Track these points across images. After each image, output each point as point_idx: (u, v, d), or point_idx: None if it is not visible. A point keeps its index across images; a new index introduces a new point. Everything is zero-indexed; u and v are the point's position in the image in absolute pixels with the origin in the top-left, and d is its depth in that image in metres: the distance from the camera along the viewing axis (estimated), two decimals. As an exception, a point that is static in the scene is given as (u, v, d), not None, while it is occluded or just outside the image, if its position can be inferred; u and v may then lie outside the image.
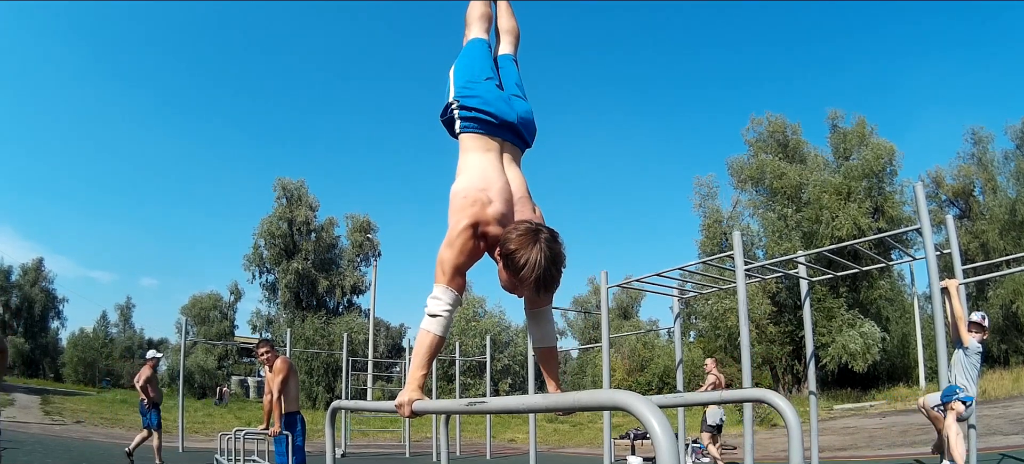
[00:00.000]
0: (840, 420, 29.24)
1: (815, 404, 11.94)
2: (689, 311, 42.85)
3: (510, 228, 3.08)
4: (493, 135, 3.60)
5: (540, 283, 2.96)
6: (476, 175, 3.43)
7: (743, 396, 3.07)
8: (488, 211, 3.19)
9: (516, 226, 3.07)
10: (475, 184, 3.34)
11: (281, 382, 9.41)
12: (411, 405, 3.08)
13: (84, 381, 60.67)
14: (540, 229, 3.01)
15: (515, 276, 2.98)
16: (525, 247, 2.92)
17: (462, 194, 3.31)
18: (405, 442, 22.35)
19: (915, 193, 8.96)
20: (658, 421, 1.65)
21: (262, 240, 57.93)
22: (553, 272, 2.97)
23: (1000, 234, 40.88)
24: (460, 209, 3.22)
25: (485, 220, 3.17)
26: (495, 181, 3.37)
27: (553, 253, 2.96)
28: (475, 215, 3.15)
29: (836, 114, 44.04)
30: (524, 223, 3.09)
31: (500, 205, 3.25)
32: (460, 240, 3.13)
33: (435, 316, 3.12)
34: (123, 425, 26.58)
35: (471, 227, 3.13)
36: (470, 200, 3.22)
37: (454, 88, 3.70)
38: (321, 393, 47.28)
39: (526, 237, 2.95)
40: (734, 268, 10.32)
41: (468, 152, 3.57)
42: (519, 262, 2.92)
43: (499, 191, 3.32)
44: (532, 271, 2.91)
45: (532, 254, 2.90)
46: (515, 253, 2.93)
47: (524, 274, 2.92)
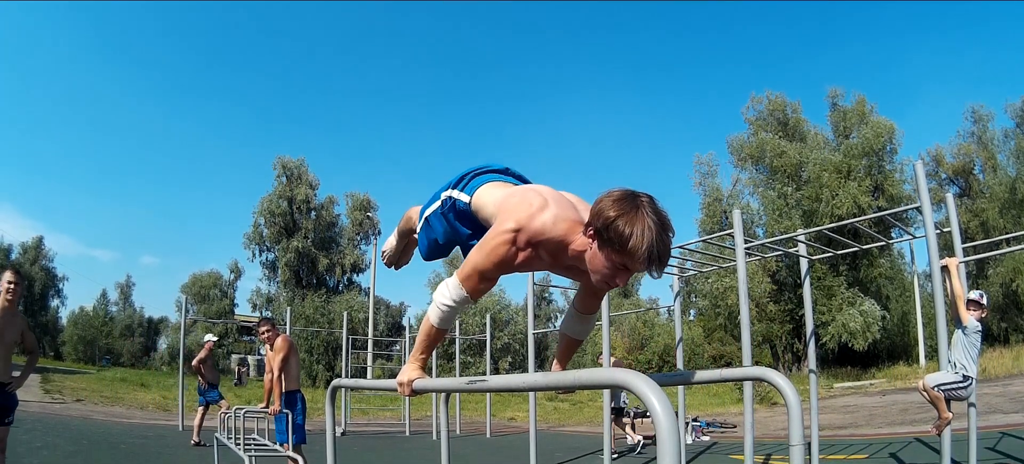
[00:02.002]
0: (840, 398, 29.34)
1: (815, 382, 11.93)
2: (689, 289, 42.85)
3: (599, 199, 2.53)
4: (505, 181, 3.24)
5: (652, 255, 2.38)
6: (516, 188, 3.01)
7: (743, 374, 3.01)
8: (543, 217, 2.66)
9: (607, 194, 2.51)
10: (525, 190, 2.90)
11: (282, 360, 9.41)
12: (411, 384, 3.06)
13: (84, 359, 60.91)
14: (637, 193, 2.51)
15: (620, 252, 2.42)
16: (627, 214, 2.39)
17: (511, 198, 2.85)
18: (405, 420, 22.39)
19: (915, 171, 8.91)
20: (658, 399, 1.63)
21: (262, 218, 57.98)
22: (666, 240, 2.42)
23: (1000, 212, 40.87)
24: (506, 211, 2.76)
25: (537, 230, 2.65)
26: (545, 190, 2.86)
27: (661, 218, 2.43)
28: (522, 221, 2.65)
29: (836, 92, 44.12)
30: (615, 190, 2.54)
31: (557, 208, 2.71)
32: (494, 244, 2.68)
33: (440, 308, 2.91)
34: (123, 403, 26.63)
35: (514, 232, 2.65)
36: (520, 203, 2.74)
37: (441, 194, 3.36)
38: (321, 371, 47.38)
39: (625, 203, 2.43)
40: (734, 246, 10.29)
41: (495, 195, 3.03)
42: (624, 233, 2.37)
43: (554, 197, 2.80)
44: (642, 240, 2.35)
45: (638, 222, 2.37)
46: (615, 222, 2.39)
47: (633, 245, 2.36)
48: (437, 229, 3.42)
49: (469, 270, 2.79)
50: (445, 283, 2.92)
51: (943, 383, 8.07)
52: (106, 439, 15.33)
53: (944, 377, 8.09)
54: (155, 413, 24.28)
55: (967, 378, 8.06)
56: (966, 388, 8.12)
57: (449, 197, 3.26)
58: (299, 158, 59.39)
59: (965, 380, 8.06)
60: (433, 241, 3.51)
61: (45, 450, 12.47)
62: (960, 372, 8.08)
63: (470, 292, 2.84)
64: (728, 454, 15.06)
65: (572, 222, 2.67)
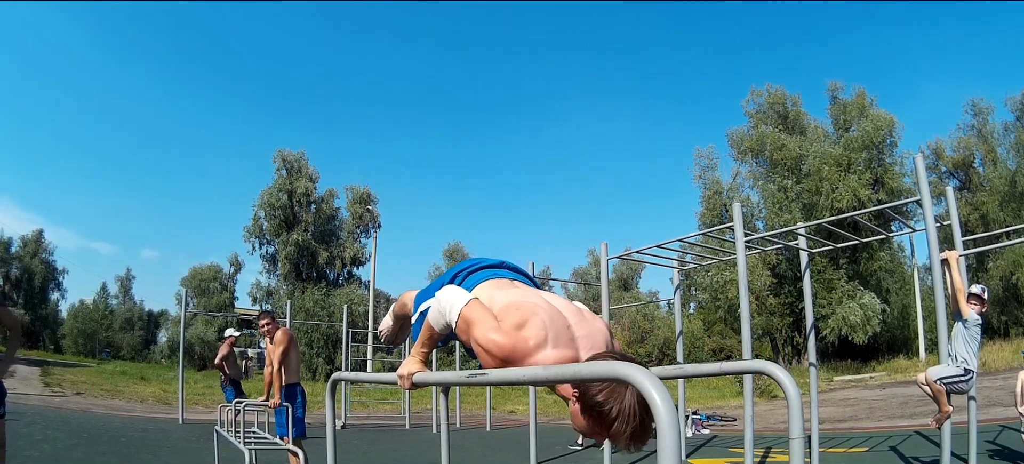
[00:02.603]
0: (840, 392, 29.37)
1: (815, 376, 11.93)
2: (689, 283, 42.91)
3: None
4: (502, 277, 3.27)
5: (635, 437, 2.31)
6: (519, 302, 2.86)
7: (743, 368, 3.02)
8: (538, 357, 2.60)
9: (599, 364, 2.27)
10: (527, 310, 2.74)
11: (282, 353, 9.40)
12: (412, 377, 3.06)
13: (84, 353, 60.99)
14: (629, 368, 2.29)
15: (602, 428, 2.36)
16: (615, 396, 2.28)
17: (515, 311, 2.75)
18: (405, 414, 22.39)
19: (915, 164, 8.90)
20: (658, 392, 1.65)
21: (262, 212, 57.99)
22: (648, 426, 2.29)
23: (1000, 205, 40.86)
24: (505, 331, 2.66)
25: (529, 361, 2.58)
26: (545, 313, 2.74)
27: (645, 401, 2.18)
28: (518, 351, 2.60)
29: (836, 85, 44.04)
30: (608, 356, 2.43)
31: (553, 347, 2.63)
32: (485, 351, 2.67)
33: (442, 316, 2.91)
34: (123, 397, 26.63)
35: (503, 360, 2.61)
36: (519, 329, 2.64)
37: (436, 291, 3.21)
38: (321, 365, 47.41)
39: (613, 384, 2.29)
40: (734, 240, 10.27)
41: (491, 300, 2.96)
42: (609, 416, 2.29)
43: (554, 325, 2.70)
44: (626, 424, 2.27)
45: (625, 402, 2.27)
46: (603, 404, 2.30)
47: (616, 429, 2.29)
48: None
49: (465, 325, 2.82)
50: (456, 296, 2.92)
51: (945, 376, 8.06)
52: (106, 432, 15.33)
53: (946, 370, 8.09)
54: (155, 406, 24.27)
55: (968, 371, 8.06)
56: (967, 381, 8.12)
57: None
58: (299, 151, 59.48)
59: (966, 374, 8.05)
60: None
61: (45, 443, 12.47)
62: (961, 366, 8.07)
63: (456, 330, 2.88)
64: (728, 447, 15.07)
65: (567, 360, 2.63)
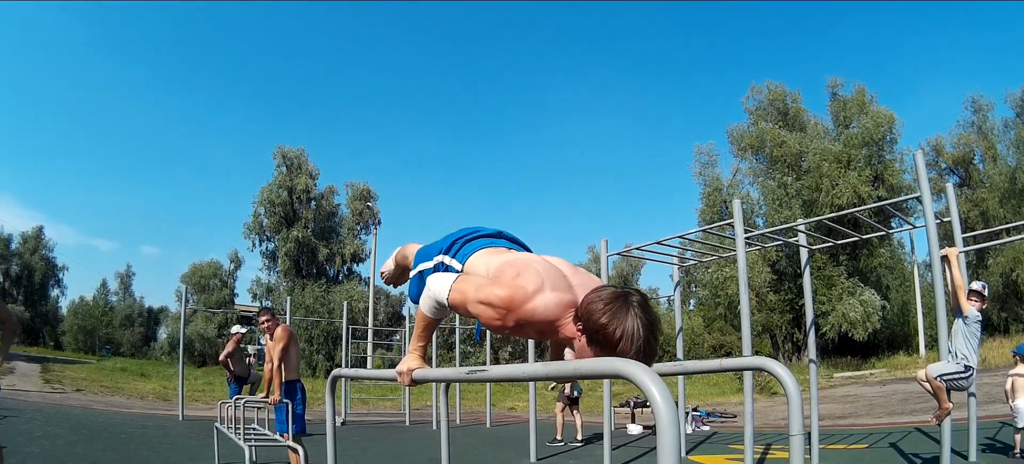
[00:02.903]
0: (840, 388, 29.39)
1: (815, 372, 11.93)
2: (689, 279, 42.93)
3: (590, 297, 2.47)
4: (498, 246, 3.24)
5: (640, 356, 2.30)
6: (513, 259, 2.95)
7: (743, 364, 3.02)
8: (536, 302, 2.61)
9: (597, 293, 2.47)
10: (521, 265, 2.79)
11: (282, 350, 9.39)
12: (411, 373, 3.07)
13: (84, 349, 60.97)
14: (628, 292, 2.46)
15: (608, 353, 2.31)
16: (617, 317, 2.33)
17: (509, 267, 2.80)
18: (405, 410, 22.39)
19: (915, 161, 8.92)
20: (658, 389, 1.64)
21: (262, 208, 58.04)
22: (653, 342, 2.36)
23: (1000, 202, 40.86)
24: (501, 284, 2.69)
25: (527, 313, 2.61)
26: (541, 266, 2.78)
27: (650, 318, 2.38)
28: (516, 302, 2.61)
29: (836, 82, 43.97)
30: (606, 288, 2.50)
31: (551, 292, 2.65)
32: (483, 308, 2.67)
33: (433, 300, 2.94)
34: (123, 393, 26.64)
35: (503, 311, 2.62)
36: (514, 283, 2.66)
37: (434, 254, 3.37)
38: (321, 361, 47.43)
39: (615, 304, 2.38)
40: (734, 236, 10.28)
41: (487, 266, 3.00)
42: (613, 338, 2.31)
43: (550, 275, 2.73)
44: (631, 342, 2.30)
45: (628, 323, 2.32)
46: (606, 327, 2.33)
47: (622, 348, 2.29)
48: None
49: (460, 296, 2.79)
50: (443, 279, 2.91)
51: (945, 373, 8.06)
52: (106, 429, 15.34)
53: (946, 367, 8.08)
54: (155, 403, 24.28)
55: (968, 368, 8.05)
56: (967, 378, 8.12)
57: (441, 262, 3.27)
58: (299, 148, 59.54)
59: (966, 370, 8.05)
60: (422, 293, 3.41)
61: (45, 440, 12.45)
62: (961, 362, 8.07)
63: (451, 304, 2.85)
64: (728, 444, 15.07)
65: (565, 305, 2.64)
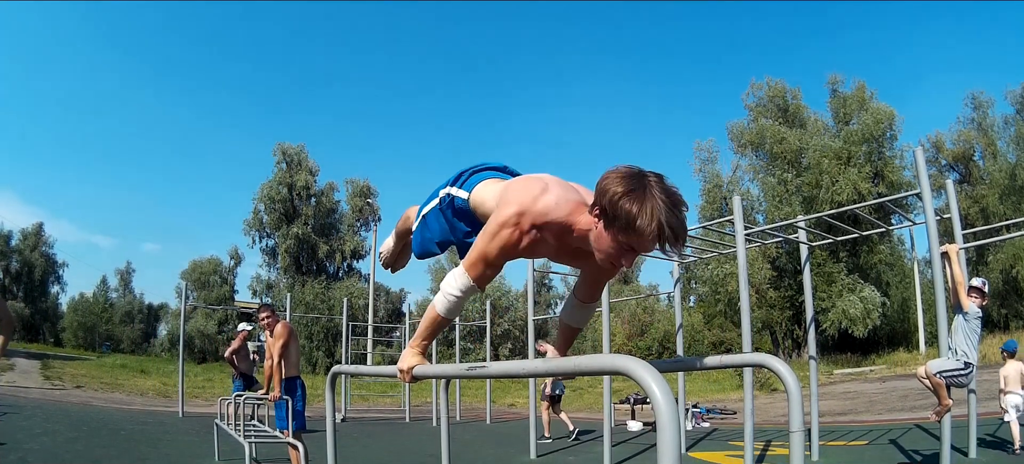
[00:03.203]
0: (840, 385, 29.40)
1: (815, 369, 11.94)
2: (689, 276, 42.92)
3: (605, 175, 2.37)
4: (505, 177, 3.17)
5: (664, 233, 2.21)
6: (521, 176, 2.93)
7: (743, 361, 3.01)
8: (546, 199, 2.58)
9: (614, 170, 2.36)
10: (525, 177, 2.83)
11: (282, 347, 9.38)
12: (412, 370, 3.05)
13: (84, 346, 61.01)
14: (644, 171, 2.33)
15: (626, 231, 2.26)
16: (634, 191, 2.23)
17: (513, 184, 2.78)
18: (405, 407, 22.43)
19: (915, 158, 8.90)
20: (658, 385, 1.63)
21: (262, 205, 58.04)
22: (679, 216, 2.24)
23: (1000, 199, 40.86)
24: (508, 197, 2.66)
25: (540, 211, 2.57)
26: (546, 175, 2.75)
27: (671, 195, 2.25)
28: (526, 204, 2.57)
29: (836, 79, 44.03)
30: (621, 166, 2.38)
31: (560, 190, 2.63)
32: (498, 229, 2.61)
33: (447, 298, 2.84)
34: (123, 390, 26.68)
35: (518, 215, 2.56)
36: (522, 188, 2.66)
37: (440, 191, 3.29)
38: (321, 358, 47.48)
39: (632, 180, 2.28)
40: (734, 233, 10.28)
41: (494, 189, 2.94)
42: (631, 212, 2.21)
43: (556, 180, 2.71)
44: (651, 219, 2.18)
45: (647, 200, 2.20)
46: (622, 200, 2.22)
47: (641, 225, 2.20)
48: (433, 228, 3.37)
49: (474, 257, 2.74)
50: (452, 273, 2.87)
51: (945, 370, 8.06)
52: (106, 425, 15.35)
53: (946, 364, 8.08)
54: (155, 399, 24.33)
55: (968, 365, 8.05)
56: (967, 375, 8.11)
57: (447, 195, 3.21)
58: (299, 144, 59.55)
59: (966, 367, 8.05)
60: (428, 239, 3.44)
61: (45, 436, 12.47)
62: (962, 359, 8.07)
63: (476, 280, 2.78)
64: (728, 440, 15.07)
65: (576, 203, 2.60)
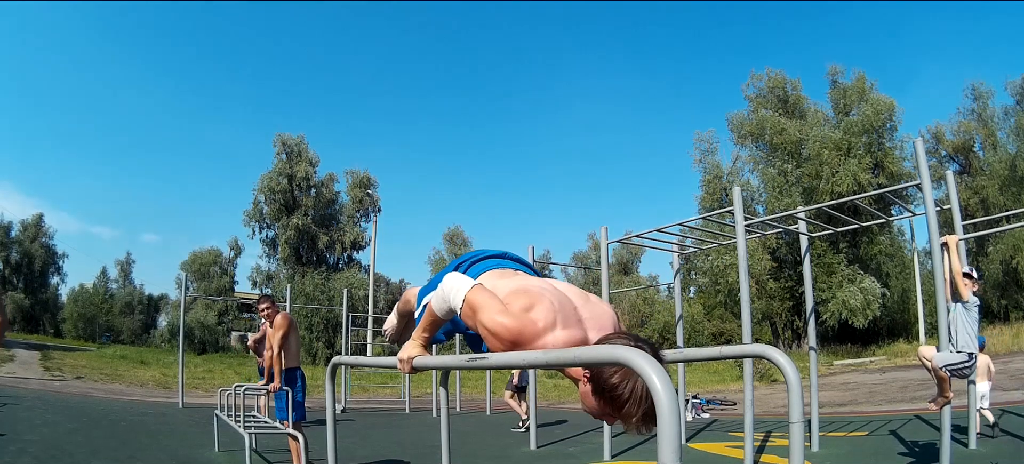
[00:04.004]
0: (840, 376, 29.42)
1: (815, 360, 11.93)
2: (689, 267, 42.94)
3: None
4: (505, 267, 3.22)
5: (646, 418, 2.27)
6: (526, 285, 2.83)
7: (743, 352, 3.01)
8: (545, 339, 2.56)
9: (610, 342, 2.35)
10: (534, 293, 2.70)
11: (282, 338, 9.37)
12: (411, 361, 3.05)
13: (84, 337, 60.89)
14: (639, 346, 2.27)
15: (613, 410, 2.34)
16: (627, 378, 2.26)
17: (522, 295, 2.70)
18: (405, 398, 22.41)
19: (915, 149, 8.89)
20: (658, 376, 1.65)
21: (262, 196, 58.06)
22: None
23: (1000, 190, 40.91)
24: (511, 315, 2.61)
25: (538, 347, 2.54)
26: (552, 296, 2.72)
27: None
28: (526, 336, 2.56)
29: (836, 70, 43.98)
30: (617, 338, 2.43)
31: (562, 330, 2.60)
32: (494, 337, 2.61)
33: (446, 303, 2.85)
34: (123, 381, 26.66)
35: (512, 340, 2.57)
36: (525, 315, 2.60)
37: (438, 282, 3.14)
38: (321, 349, 47.48)
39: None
40: (734, 224, 10.27)
41: (495, 288, 2.88)
42: (622, 397, 2.27)
43: (562, 308, 2.68)
44: (638, 406, 2.26)
45: (637, 385, 2.24)
46: (616, 387, 2.28)
47: (628, 410, 2.28)
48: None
49: (470, 310, 2.74)
50: (460, 282, 2.85)
51: (950, 364, 8.05)
52: (106, 416, 15.34)
53: (950, 358, 8.07)
54: (155, 390, 24.30)
55: (970, 356, 8.05)
56: (970, 366, 8.11)
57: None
58: (299, 135, 59.56)
59: (969, 358, 8.04)
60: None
61: (45, 427, 12.46)
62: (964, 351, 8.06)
63: (463, 315, 2.79)
64: (728, 431, 15.08)
65: (574, 343, 2.60)
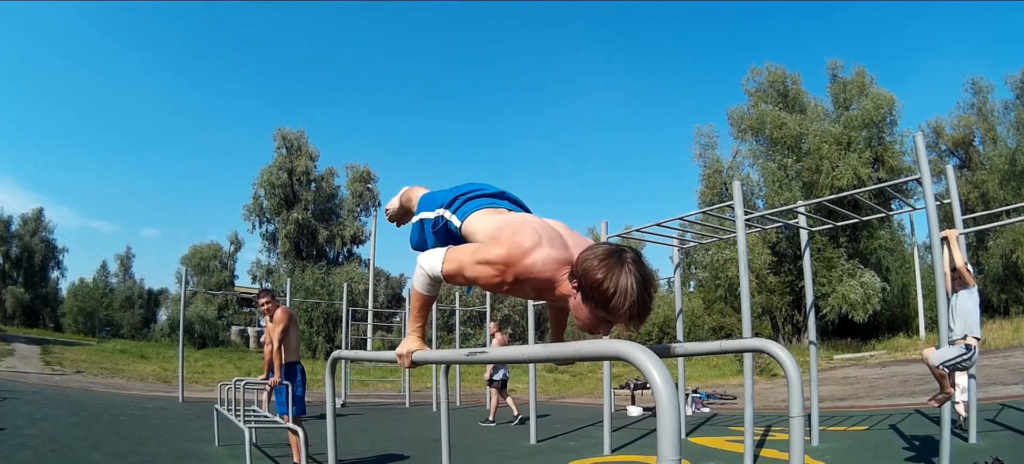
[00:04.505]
0: (840, 370, 29.42)
1: (815, 354, 11.93)
2: (689, 261, 43.03)
3: (585, 254, 2.55)
4: (498, 206, 3.22)
5: (634, 312, 2.42)
6: (510, 218, 2.99)
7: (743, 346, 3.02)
8: (533, 257, 2.66)
9: (592, 251, 2.56)
10: (519, 223, 2.86)
11: (281, 332, 9.38)
12: (411, 355, 3.07)
13: (84, 331, 60.97)
14: (622, 249, 2.53)
15: (603, 309, 2.46)
16: (612, 273, 2.42)
17: (506, 230, 2.81)
18: (405, 392, 22.43)
19: (915, 143, 8.87)
20: (658, 371, 1.66)
21: (262, 190, 58.05)
22: (647, 298, 2.46)
23: (1000, 184, 40.88)
24: (498, 242, 2.73)
25: (526, 268, 2.66)
26: (538, 225, 2.84)
27: (644, 275, 2.46)
28: (514, 258, 2.65)
29: (836, 64, 43.96)
30: (601, 245, 2.60)
31: (549, 248, 2.71)
32: (483, 267, 2.69)
33: (425, 275, 2.93)
34: (123, 375, 26.70)
35: (503, 266, 2.66)
36: (513, 238, 2.71)
37: (437, 206, 3.37)
38: (321, 343, 47.44)
39: (610, 260, 2.47)
40: (734, 218, 10.25)
41: (486, 224, 3.01)
42: (608, 292, 2.41)
43: (547, 234, 2.79)
44: (625, 299, 2.39)
45: (622, 279, 2.41)
46: (601, 283, 2.42)
47: (615, 303, 2.41)
48: (428, 238, 3.44)
49: (456, 260, 2.81)
50: (433, 253, 2.92)
51: (947, 360, 8.02)
52: (106, 410, 15.36)
53: (947, 353, 8.04)
54: (155, 385, 24.36)
55: (969, 347, 8.03)
56: (970, 358, 8.08)
57: (441, 217, 3.28)
58: (299, 129, 59.53)
59: (967, 350, 8.02)
60: (422, 242, 3.52)
61: (45, 421, 12.49)
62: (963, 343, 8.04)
63: (446, 276, 2.87)
64: (728, 425, 15.08)
65: (561, 263, 2.70)
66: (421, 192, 3.74)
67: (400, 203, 4.08)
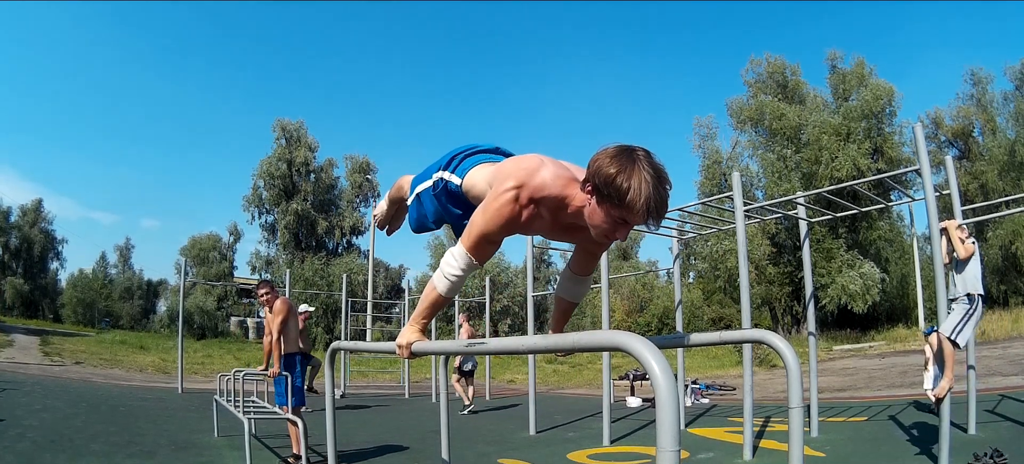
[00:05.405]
0: (839, 361, 29.42)
1: (814, 345, 11.92)
2: (688, 252, 42.95)
3: (597, 155, 2.53)
4: (495, 160, 3.21)
5: (650, 205, 2.42)
6: (514, 156, 3.03)
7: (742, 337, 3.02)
8: (542, 174, 2.69)
9: (603, 150, 2.53)
10: (518, 156, 2.91)
11: (281, 323, 9.38)
12: (411, 346, 3.06)
13: (83, 322, 61.03)
14: (633, 147, 2.51)
15: (619, 207, 2.45)
16: (624, 168, 2.41)
17: (507, 163, 2.88)
18: (404, 383, 22.47)
19: (914, 134, 8.86)
20: (657, 362, 1.66)
21: (261, 181, 58.09)
22: (662, 191, 2.45)
23: (999, 175, 40.85)
24: (504, 174, 2.76)
25: (538, 186, 2.68)
26: (538, 155, 2.85)
27: (657, 171, 2.46)
28: (523, 178, 2.68)
29: (835, 55, 43.81)
30: (611, 146, 2.55)
31: (553, 166, 2.75)
32: (497, 204, 2.69)
33: (447, 278, 2.91)
34: (122, 366, 26.73)
35: (516, 190, 2.67)
36: (518, 164, 2.76)
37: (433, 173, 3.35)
38: (321, 334, 47.51)
39: (622, 157, 2.45)
40: (733, 209, 10.25)
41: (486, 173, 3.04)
42: (622, 188, 2.40)
43: (548, 158, 2.81)
44: (640, 194, 2.39)
45: (635, 175, 2.40)
46: (614, 178, 2.41)
47: (631, 199, 2.40)
48: (427, 208, 3.44)
49: (474, 234, 2.79)
50: (451, 252, 2.91)
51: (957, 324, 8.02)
52: (105, 401, 15.37)
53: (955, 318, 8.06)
54: (154, 375, 24.37)
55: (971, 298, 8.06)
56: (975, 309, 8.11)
57: (440, 178, 3.27)
58: (298, 120, 59.56)
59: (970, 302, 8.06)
60: (422, 217, 3.53)
61: (45, 412, 12.49)
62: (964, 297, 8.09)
63: (476, 257, 2.85)
64: (727, 416, 15.08)
65: (569, 179, 2.71)
66: (410, 177, 3.73)
67: (389, 200, 4.07)
